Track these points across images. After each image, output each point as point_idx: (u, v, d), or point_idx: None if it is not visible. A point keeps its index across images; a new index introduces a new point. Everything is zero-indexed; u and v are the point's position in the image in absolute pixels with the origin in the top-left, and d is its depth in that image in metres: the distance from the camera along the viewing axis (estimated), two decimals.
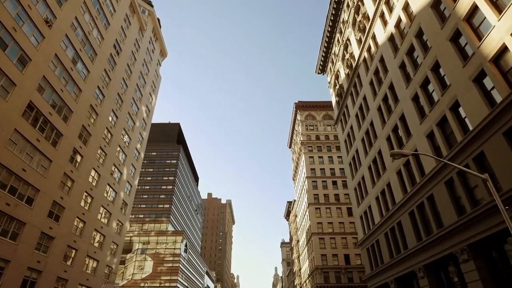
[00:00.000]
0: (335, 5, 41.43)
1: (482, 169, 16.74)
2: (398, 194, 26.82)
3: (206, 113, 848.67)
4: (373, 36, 32.45)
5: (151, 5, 49.37)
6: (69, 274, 27.39)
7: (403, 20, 25.56)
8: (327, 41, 47.79)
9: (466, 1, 17.86)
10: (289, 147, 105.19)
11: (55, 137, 25.44)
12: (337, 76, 47.06)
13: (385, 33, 28.92)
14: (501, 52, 15.60)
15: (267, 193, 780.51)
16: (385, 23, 29.44)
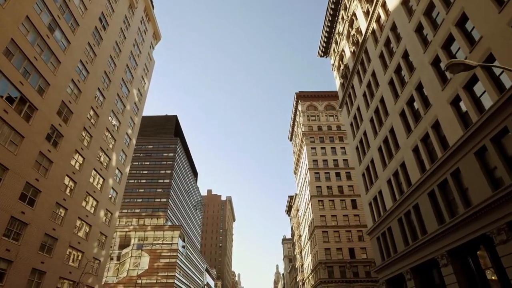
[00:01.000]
0: None
1: None
2: (415, 174, 23.93)
3: (206, 113, 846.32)
4: (383, 4, 29.55)
5: None
6: (47, 266, 24.56)
7: None
8: (330, 20, 44.80)
9: None
10: (290, 140, 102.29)
11: (28, 111, 22.56)
12: (342, 57, 44.12)
13: None
14: None
15: (268, 193, 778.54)
16: None
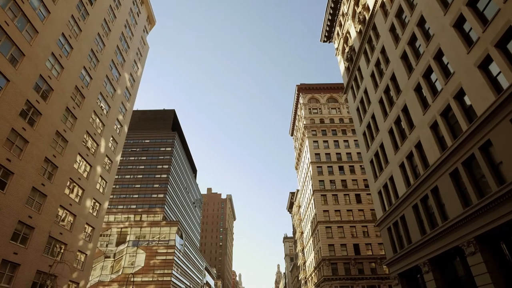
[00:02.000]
0: None
1: None
2: (433, 154, 21.28)
3: (206, 112, 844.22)
4: None
5: None
6: (22, 257, 21.98)
7: None
8: (334, 1, 42.20)
9: None
10: (291, 135, 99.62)
11: None
12: (346, 39, 41.49)
13: None
14: None
15: (269, 193, 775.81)
16: None
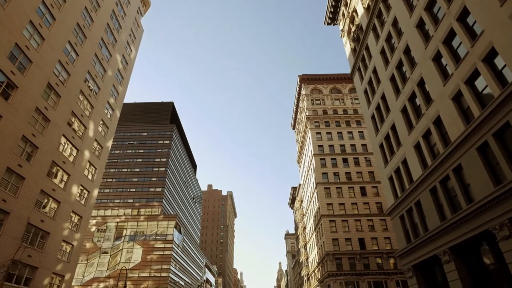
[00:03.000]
0: None
1: None
2: (456, 128, 18.83)
3: (205, 112, 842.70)
4: None
5: None
6: None
7: None
8: None
9: None
10: (293, 128, 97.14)
11: None
12: (352, 19, 38.98)
13: None
14: None
15: (269, 191, 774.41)
16: None
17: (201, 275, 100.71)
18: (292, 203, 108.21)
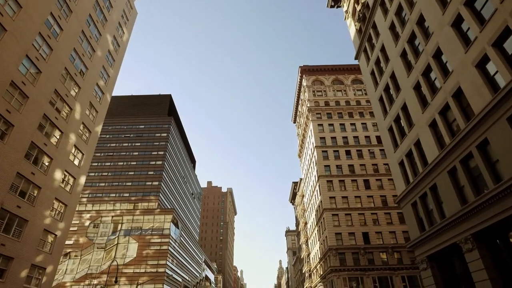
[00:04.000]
0: None
1: None
2: (481, 99, 16.59)
3: (205, 111, 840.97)
4: None
5: None
6: None
7: None
8: None
9: None
10: (293, 122, 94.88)
11: None
12: None
13: None
14: None
15: (269, 189, 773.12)
16: None
17: (200, 272, 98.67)
18: (293, 199, 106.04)
